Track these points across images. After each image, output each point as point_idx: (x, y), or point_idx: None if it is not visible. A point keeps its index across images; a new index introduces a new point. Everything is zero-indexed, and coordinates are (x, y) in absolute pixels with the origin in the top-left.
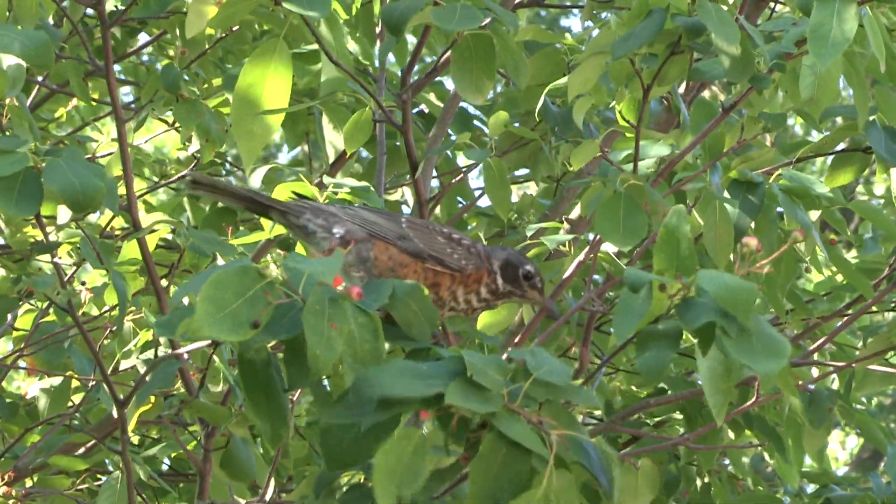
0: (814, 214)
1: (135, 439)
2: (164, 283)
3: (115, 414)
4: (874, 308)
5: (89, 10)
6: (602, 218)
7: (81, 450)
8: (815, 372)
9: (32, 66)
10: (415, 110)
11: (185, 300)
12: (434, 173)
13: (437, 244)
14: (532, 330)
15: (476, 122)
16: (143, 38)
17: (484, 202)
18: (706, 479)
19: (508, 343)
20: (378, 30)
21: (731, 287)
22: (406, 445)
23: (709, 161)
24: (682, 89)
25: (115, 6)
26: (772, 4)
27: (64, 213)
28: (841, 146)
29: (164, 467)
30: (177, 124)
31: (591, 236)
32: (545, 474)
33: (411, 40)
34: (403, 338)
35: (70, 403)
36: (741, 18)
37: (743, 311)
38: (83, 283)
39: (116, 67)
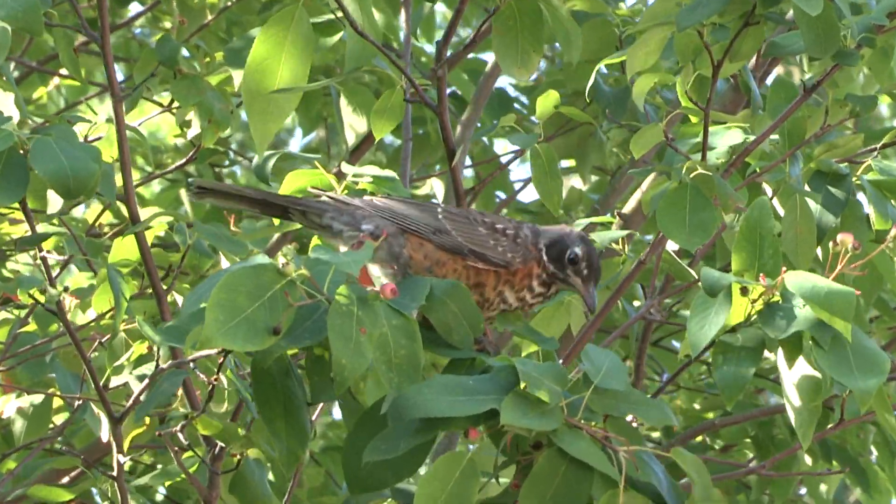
0: None
1: (125, 466)
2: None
3: (104, 437)
4: None
5: None
6: (665, 213)
7: (66, 479)
8: None
9: (20, 30)
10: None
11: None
12: (468, 162)
13: (478, 236)
14: (583, 344)
15: (516, 106)
16: (134, 8)
17: (525, 196)
18: None
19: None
20: None
21: (826, 292)
22: (451, 471)
23: (788, 149)
24: (751, 65)
25: None
26: None
27: (55, 201)
28: None
29: (160, 496)
30: (174, 105)
31: (648, 237)
32: (618, 497)
33: (439, 8)
34: (442, 345)
35: (51, 426)
36: None
37: (841, 320)
38: (66, 289)
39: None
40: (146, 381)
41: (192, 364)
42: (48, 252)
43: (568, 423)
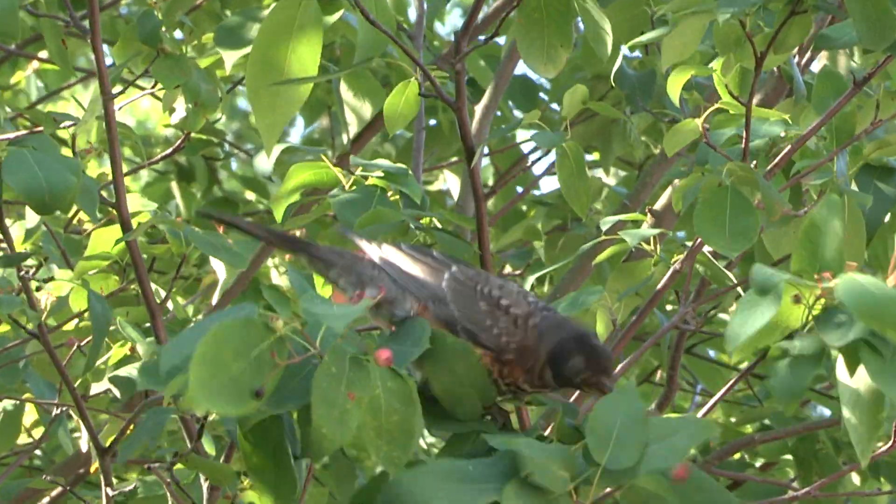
0: None
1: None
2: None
3: (83, 449)
4: None
5: None
6: (704, 218)
7: (46, 499)
8: None
9: None
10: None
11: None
12: (485, 150)
13: (475, 313)
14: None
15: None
16: None
17: (544, 187)
18: None
19: None
20: None
21: (877, 298)
22: None
23: (836, 147)
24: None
25: None
26: None
27: (32, 215)
28: None
29: None
30: (158, 88)
31: (680, 234)
32: None
33: None
34: (444, 417)
35: (28, 440)
36: None
37: (891, 329)
38: (38, 290)
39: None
40: (138, 410)
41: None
42: (29, 272)
43: None
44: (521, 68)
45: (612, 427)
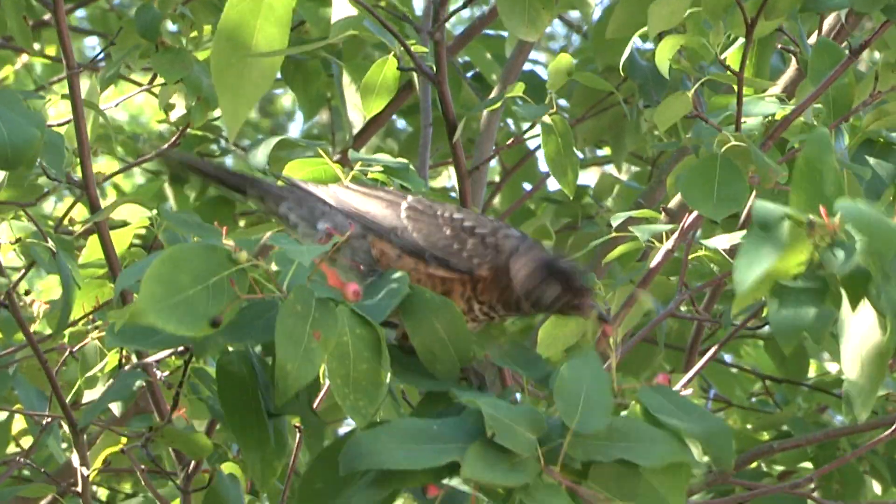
0: None
1: (102, 495)
2: None
3: (74, 461)
4: None
5: None
6: (692, 184)
7: None
8: None
9: None
10: (470, 73)
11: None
12: (492, 148)
13: (441, 238)
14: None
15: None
16: None
17: (553, 184)
18: None
19: None
20: None
21: (879, 220)
22: None
23: (833, 120)
24: (812, 40)
25: None
26: None
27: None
28: None
29: None
30: (156, 83)
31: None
32: None
33: None
34: (420, 373)
35: (15, 448)
36: None
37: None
38: (27, 293)
39: (79, 14)
40: (113, 382)
41: (155, 365)
42: None
43: (545, 474)
44: (528, 65)
45: (579, 390)
